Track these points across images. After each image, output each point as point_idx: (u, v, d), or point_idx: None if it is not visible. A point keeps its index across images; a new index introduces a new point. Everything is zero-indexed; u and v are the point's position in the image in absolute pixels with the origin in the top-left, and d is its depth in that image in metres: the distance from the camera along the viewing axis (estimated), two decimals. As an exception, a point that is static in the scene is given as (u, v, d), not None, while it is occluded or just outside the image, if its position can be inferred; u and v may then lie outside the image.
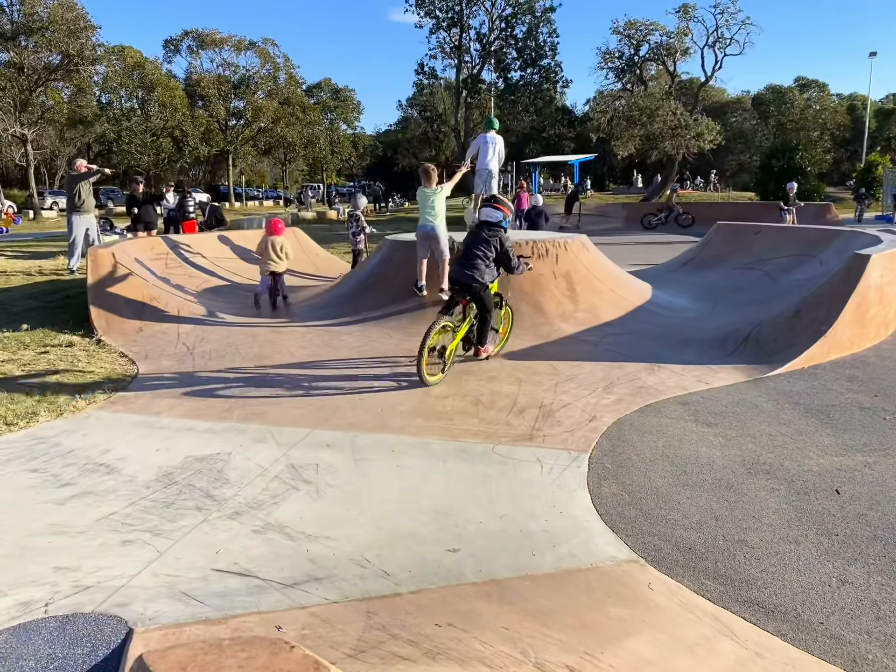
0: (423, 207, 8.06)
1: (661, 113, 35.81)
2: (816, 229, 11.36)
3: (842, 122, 57.92)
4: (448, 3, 29.73)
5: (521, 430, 4.77)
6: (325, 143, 54.31)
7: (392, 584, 2.89)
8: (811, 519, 3.49)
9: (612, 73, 42.43)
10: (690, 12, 38.14)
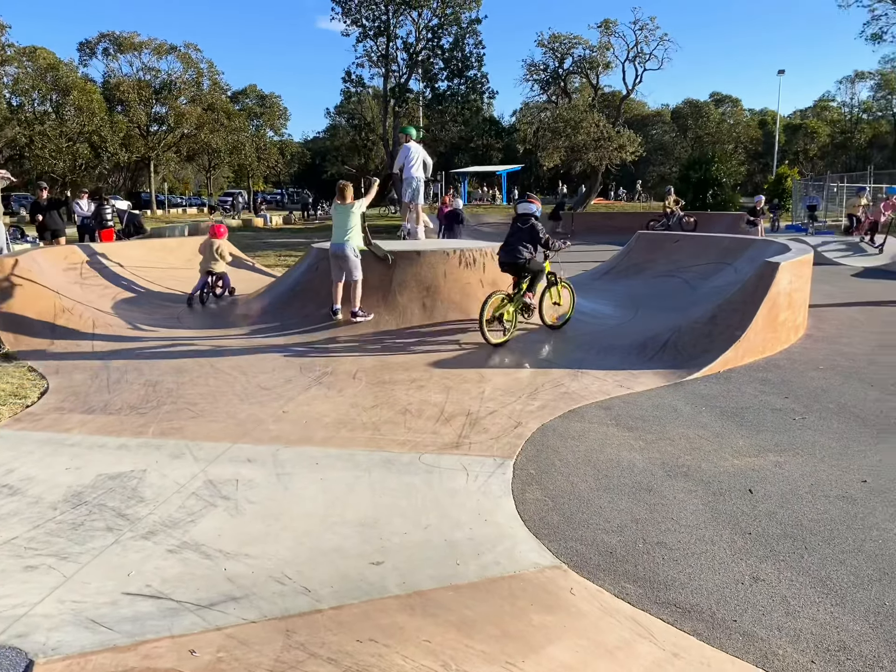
0: (336, 225, 8.11)
1: (584, 125, 36.70)
2: (731, 238, 11.82)
3: (754, 136, 60.67)
4: (374, 13, 29.69)
5: (448, 438, 4.76)
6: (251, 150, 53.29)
7: (313, 601, 2.82)
8: (726, 519, 3.60)
9: (538, 85, 43.30)
10: (612, 27, 39.30)
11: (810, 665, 2.47)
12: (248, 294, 10.39)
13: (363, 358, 7.02)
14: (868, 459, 4.38)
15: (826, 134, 61.83)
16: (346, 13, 30.07)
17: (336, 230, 8.10)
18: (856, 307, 9.93)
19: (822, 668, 2.47)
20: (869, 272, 14.08)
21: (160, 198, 51.83)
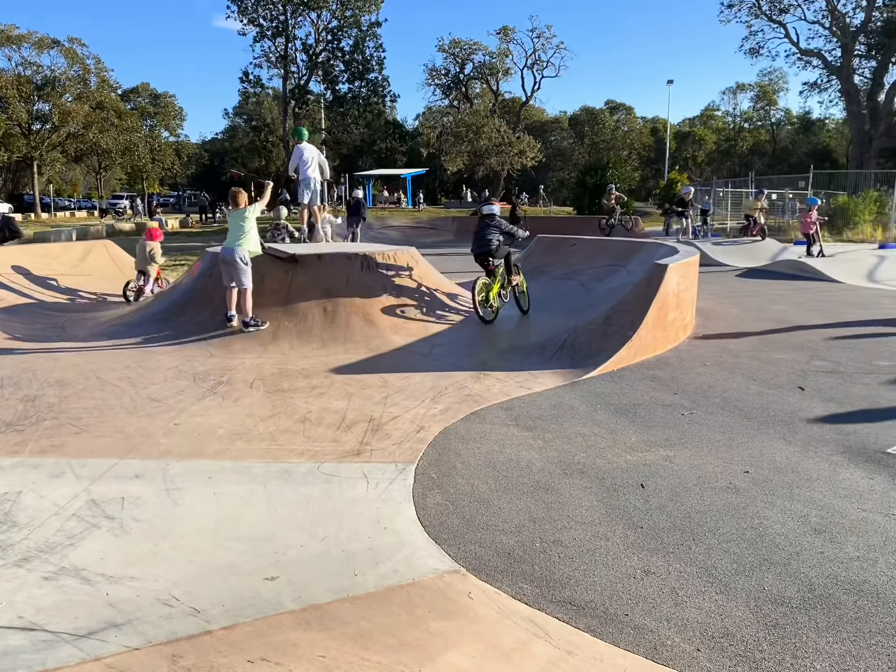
0: (230, 230, 8.02)
1: (486, 130, 37.36)
2: (624, 241, 12.27)
3: (646, 143, 63.41)
4: (272, 13, 29.07)
5: (348, 445, 4.69)
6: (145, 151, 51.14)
7: (202, 622, 2.70)
8: (619, 514, 3.71)
9: (440, 89, 43.76)
10: (510, 34, 40.21)
11: (696, 653, 2.57)
12: (141, 300, 9.93)
13: (261, 365, 6.83)
14: (750, 451, 4.62)
15: (712, 141, 65.36)
16: (242, 12, 29.32)
17: (229, 235, 7.92)
18: (739, 306, 10.50)
19: (707, 655, 2.57)
20: (752, 272, 14.94)
21: (45, 200, 48.87)
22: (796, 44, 39.82)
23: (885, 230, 24.38)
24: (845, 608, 2.84)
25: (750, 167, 53.15)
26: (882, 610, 2.82)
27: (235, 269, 7.76)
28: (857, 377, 6.39)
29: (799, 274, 13.97)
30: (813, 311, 10.00)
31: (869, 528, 3.52)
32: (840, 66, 38.16)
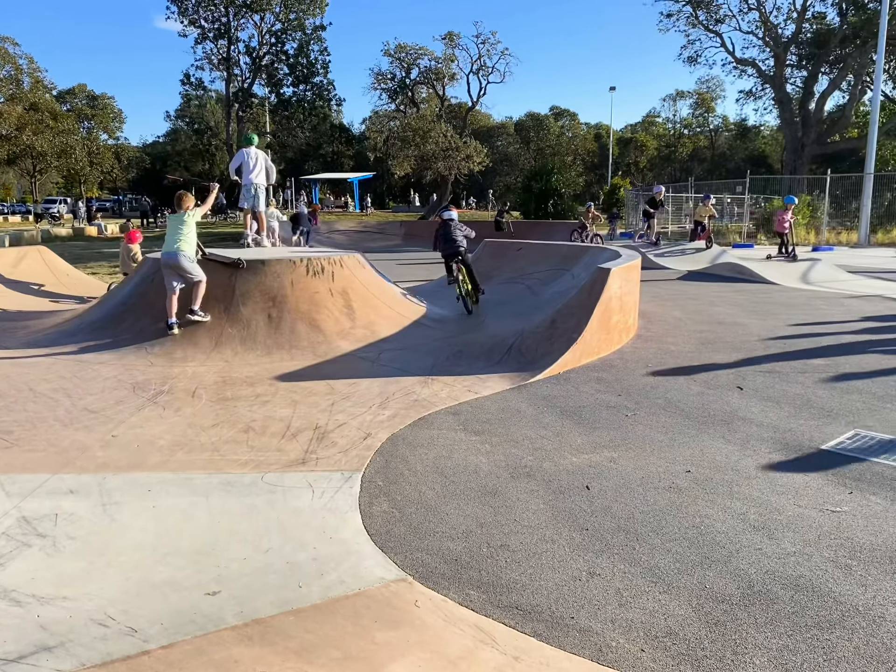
0: (168, 233, 7.86)
1: (433, 135, 37.40)
2: (569, 245, 12.45)
3: (590, 148, 64.53)
4: (213, 14, 28.55)
5: (293, 455, 4.61)
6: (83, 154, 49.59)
7: (140, 642, 2.61)
8: (565, 517, 3.73)
9: (386, 93, 43.59)
10: (455, 40, 40.35)
11: (640, 653, 2.60)
12: (77, 308, 9.61)
13: (203, 374, 6.68)
14: (691, 450, 4.72)
15: (653, 147, 66.93)
16: (182, 13, 28.71)
17: (167, 238, 7.76)
18: (680, 308, 10.75)
19: (650, 655, 2.60)
20: (692, 275, 15.32)
21: (-25, 204, 46.95)
22: (732, 53, 41.12)
23: (818, 233, 25.33)
24: (783, 603, 2.92)
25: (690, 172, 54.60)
26: (817, 603, 2.91)
27: (183, 269, 7.62)
28: (792, 376, 6.60)
29: (737, 276, 14.38)
30: (751, 312, 10.30)
31: (804, 523, 3.63)
32: (773, 75, 39.53)
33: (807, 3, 38.08)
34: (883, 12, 24.50)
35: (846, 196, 28.80)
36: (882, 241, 25.18)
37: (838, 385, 6.29)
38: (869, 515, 3.71)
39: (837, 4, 37.81)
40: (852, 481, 4.16)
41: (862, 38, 33.51)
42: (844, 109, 39.46)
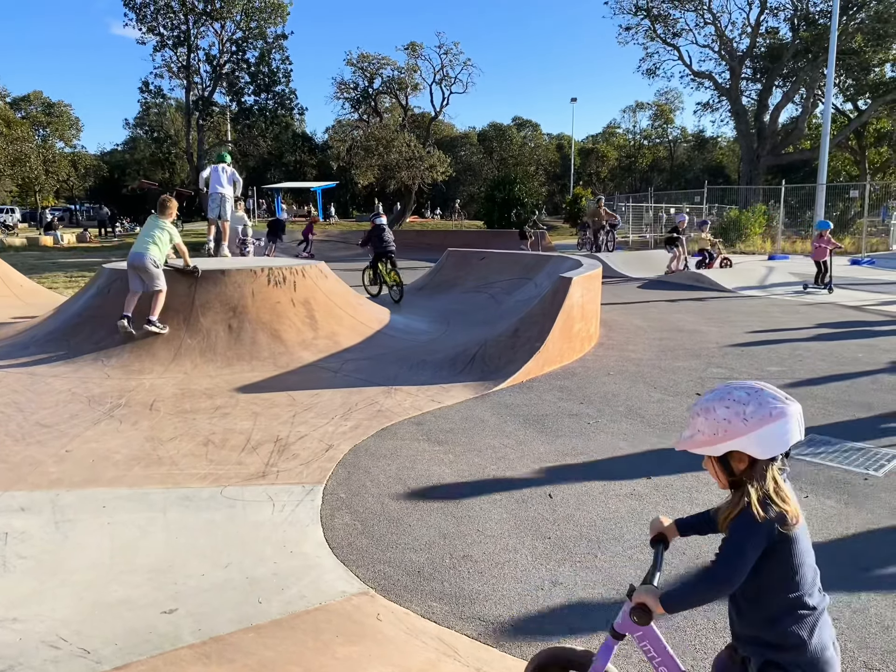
0: (143, 234, 7.78)
1: (396, 144, 37.43)
2: (532, 255, 12.55)
3: (553, 159, 65.19)
4: (172, 21, 28.20)
5: (253, 468, 4.55)
6: (38, 162, 48.47)
7: (92, 663, 2.53)
8: (528, 526, 3.74)
9: (349, 103, 43.51)
10: (418, 50, 40.49)
11: (602, 661, 2.60)
12: (31, 320, 9.35)
13: (161, 386, 6.55)
14: (652, 457, 4.77)
15: (614, 158, 67.88)
16: (140, 20, 28.30)
17: (139, 238, 7.74)
18: (641, 316, 10.90)
19: (613, 663, 2.60)
20: (652, 283, 15.54)
21: (-77, 214, 45.56)
22: (689, 66, 41.96)
23: (774, 242, 25.94)
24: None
25: (650, 182, 55.47)
26: (774, 606, 2.95)
27: (147, 273, 7.53)
28: (749, 383, 6.71)
29: (696, 284, 14.63)
30: (709, 319, 10.48)
31: (761, 527, 3.68)
32: (729, 87, 40.43)
33: (760, 19, 39.11)
34: (833, 28, 25.28)
35: (801, 206, 29.57)
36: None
37: (794, 391, 6.41)
38: (823, 518, 3.79)
39: (790, 20, 38.93)
40: (807, 485, 4.25)
41: (813, 53, 34.50)
42: (798, 122, 40.54)
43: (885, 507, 3.92)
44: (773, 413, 1.64)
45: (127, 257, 7.76)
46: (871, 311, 11.28)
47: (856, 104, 40.24)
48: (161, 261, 7.73)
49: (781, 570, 1.70)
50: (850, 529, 3.65)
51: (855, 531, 3.63)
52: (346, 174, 50.07)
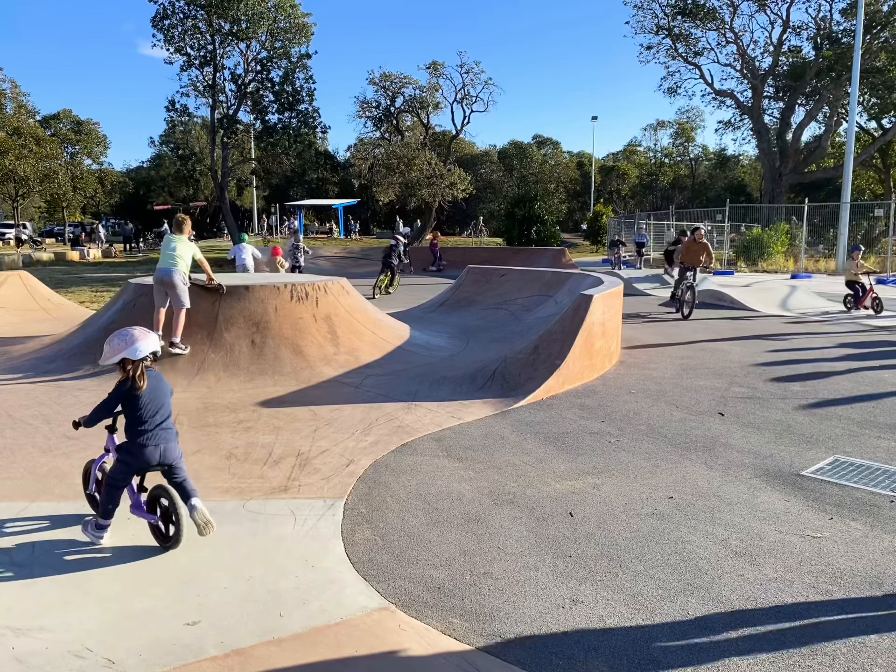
0: (165, 250, 7.92)
1: (417, 162, 37.68)
2: (552, 272, 12.53)
3: (573, 176, 65.28)
4: (199, 42, 28.76)
5: (275, 482, 4.58)
6: (66, 179, 49.41)
7: (117, 674, 2.56)
8: (548, 544, 3.73)
9: (371, 121, 43.92)
10: (440, 69, 40.78)
11: (623, 681, 2.59)
12: (58, 333, 9.51)
13: (185, 400, 6.62)
14: (674, 476, 4.74)
15: (635, 175, 67.84)
16: (168, 41, 28.84)
17: (163, 255, 7.85)
18: (662, 335, 10.84)
19: (633, 682, 2.59)
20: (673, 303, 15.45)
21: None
22: (711, 84, 41.92)
23: (796, 261, 25.73)
24: (764, 628, 2.92)
25: (671, 201, 55.34)
26: (798, 630, 2.92)
27: (174, 289, 7.65)
28: (772, 402, 6.66)
29: (718, 303, 14.54)
30: (731, 339, 10.41)
31: (785, 549, 3.65)
32: (751, 106, 40.32)
33: (783, 37, 39.05)
34: (856, 47, 25.20)
35: (824, 224, 29.35)
36: (859, 268, 25.58)
37: (817, 411, 6.36)
38: (849, 541, 3.74)
39: (812, 39, 38.82)
40: (832, 507, 4.20)
41: (836, 72, 34.35)
42: (821, 140, 40.30)
43: (912, 530, 3.86)
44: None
45: (154, 273, 7.88)
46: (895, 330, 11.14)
47: (880, 122, 39.95)
48: (186, 276, 7.86)
49: None
50: (877, 553, 3.60)
51: (881, 554, 3.58)
52: (367, 192, 50.48)
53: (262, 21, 28.31)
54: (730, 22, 38.78)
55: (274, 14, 28.83)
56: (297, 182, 55.65)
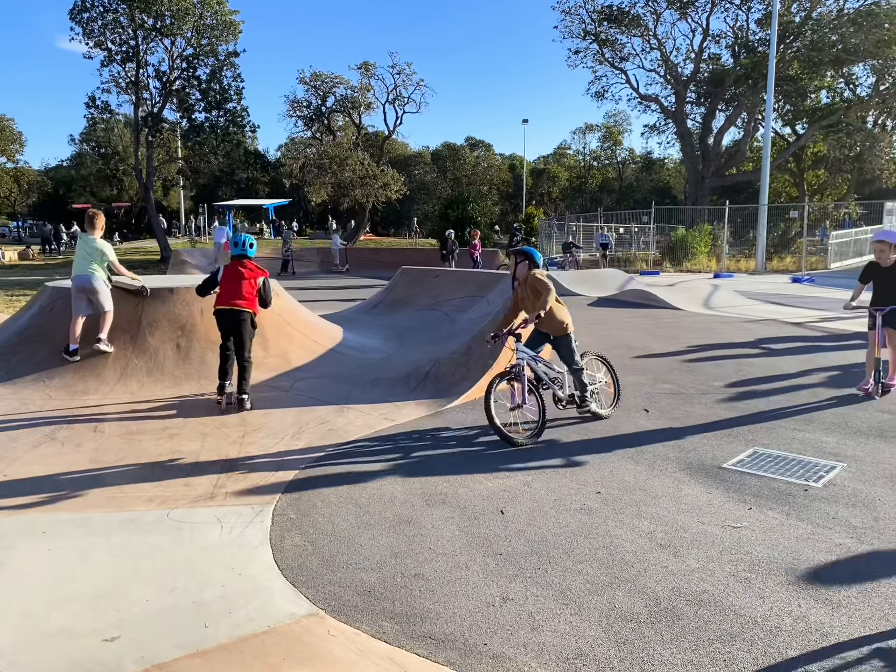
0: (82, 255, 7.54)
1: (350, 162, 37.45)
2: (486, 273, 12.64)
3: (505, 178, 65.92)
4: (121, 37, 27.73)
5: (201, 489, 4.46)
6: (-22, 178, 47.08)
7: (29, 697, 2.44)
8: (480, 542, 3.75)
9: (302, 121, 43.43)
10: (371, 70, 40.69)
11: (552, 676, 2.62)
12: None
13: (107, 407, 6.39)
14: (602, 472, 4.84)
15: (565, 178, 69.03)
16: (87, 35, 27.74)
17: (78, 261, 7.48)
18: (591, 333, 11.06)
19: (562, 676, 2.62)
20: (602, 301, 15.81)
21: None
22: (636, 89, 43.06)
23: (719, 261, 26.68)
24: (687, 619, 3.01)
25: (599, 202, 56.61)
26: (719, 617, 3.02)
27: (97, 294, 7.33)
28: (696, 398, 6.89)
29: (644, 302, 14.94)
30: (657, 336, 10.70)
31: (707, 540, 3.77)
32: (675, 110, 41.61)
33: (703, 45, 40.44)
34: (771, 55, 26.31)
35: (744, 225, 30.55)
36: (777, 267, 26.77)
37: (738, 405, 6.60)
38: (766, 530, 3.89)
39: (731, 47, 40.35)
40: (751, 497, 4.36)
41: (753, 79, 35.75)
42: (740, 144, 41.95)
43: (823, 517, 4.04)
44: None
45: (73, 279, 7.52)
46: (811, 327, 11.68)
47: (794, 128, 41.82)
48: (106, 278, 7.56)
49: None
50: (791, 540, 3.76)
51: (796, 541, 3.74)
52: (298, 192, 49.81)
53: (188, 17, 27.50)
54: (653, 29, 39.98)
55: (200, 10, 28.03)
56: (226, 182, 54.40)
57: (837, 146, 38.39)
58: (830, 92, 40.32)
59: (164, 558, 3.51)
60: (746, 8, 38.29)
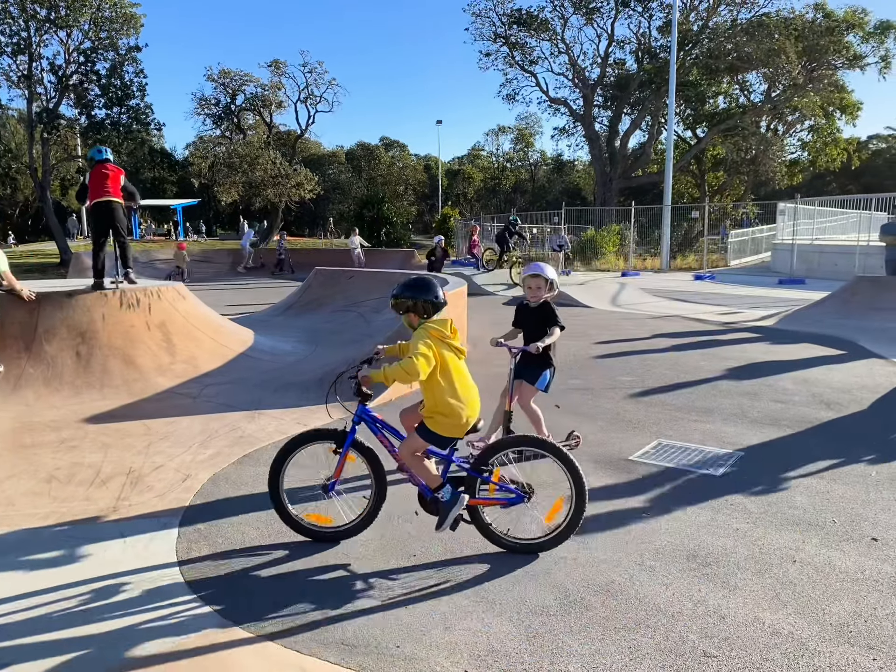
0: None
1: (261, 161, 36.63)
2: (401, 273, 12.61)
3: (421, 179, 66.07)
4: (11, 28, 26.15)
5: (103, 503, 4.27)
6: None
7: None
8: (394, 544, 3.75)
9: (210, 119, 42.15)
10: (282, 68, 39.94)
11: (464, 673, 2.65)
12: None
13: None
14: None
15: (480, 179, 69.81)
16: (-28, 25, 26.06)
17: None
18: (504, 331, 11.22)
19: (474, 673, 2.65)
20: (516, 300, 16.08)
21: None
22: (546, 92, 43.99)
23: (626, 260, 27.61)
24: (595, 609, 3.10)
25: (513, 203, 57.55)
26: (625, 606, 3.12)
27: None
28: (603, 393, 7.10)
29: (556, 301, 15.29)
30: (567, 334, 10.93)
31: (614, 531, 3.89)
32: (583, 114, 42.78)
33: (608, 50, 41.75)
34: (672, 61, 27.43)
35: (650, 225, 31.67)
36: (680, 266, 27.92)
37: (643, 399, 6.85)
38: (670, 518, 4.05)
39: (635, 53, 41.86)
40: (656, 487, 4.53)
41: (656, 84, 37.21)
42: (645, 147, 43.50)
43: (722, 504, 4.25)
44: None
45: None
46: (711, 322, 12.24)
47: (695, 132, 43.76)
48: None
49: None
50: (693, 527, 3.93)
51: (696, 528, 3.91)
52: (208, 191, 48.35)
53: (84, 8, 26.22)
54: (561, 33, 40.93)
55: (98, 2, 26.77)
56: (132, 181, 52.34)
57: (735, 149, 40.48)
58: (727, 97, 42.49)
59: (63, 578, 3.34)
60: (648, 16, 39.73)
